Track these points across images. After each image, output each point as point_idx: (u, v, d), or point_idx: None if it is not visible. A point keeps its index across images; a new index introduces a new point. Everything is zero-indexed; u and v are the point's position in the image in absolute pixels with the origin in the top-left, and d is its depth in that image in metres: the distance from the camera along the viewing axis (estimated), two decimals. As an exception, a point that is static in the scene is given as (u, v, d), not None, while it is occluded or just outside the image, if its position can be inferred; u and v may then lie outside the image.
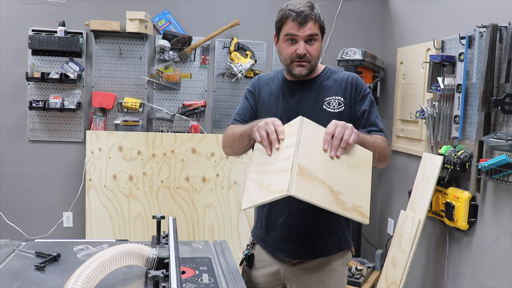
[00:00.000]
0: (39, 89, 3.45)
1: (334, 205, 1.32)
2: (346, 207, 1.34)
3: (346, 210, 1.34)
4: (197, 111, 3.58)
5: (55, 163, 3.53)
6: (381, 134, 1.61)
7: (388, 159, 1.61)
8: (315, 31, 1.57)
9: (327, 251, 1.67)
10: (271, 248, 1.70)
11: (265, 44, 3.68)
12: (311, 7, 1.57)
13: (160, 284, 1.10)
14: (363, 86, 1.67)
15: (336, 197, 1.33)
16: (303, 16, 1.54)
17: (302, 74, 1.61)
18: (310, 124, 1.37)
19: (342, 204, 1.33)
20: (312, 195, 1.29)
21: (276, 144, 1.37)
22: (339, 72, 1.71)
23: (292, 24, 1.56)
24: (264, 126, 1.41)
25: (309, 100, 1.65)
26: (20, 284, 1.26)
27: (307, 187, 1.28)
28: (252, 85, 1.78)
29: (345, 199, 1.34)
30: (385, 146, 1.58)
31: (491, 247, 2.44)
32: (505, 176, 2.25)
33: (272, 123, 1.40)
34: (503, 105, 2.24)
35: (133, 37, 3.49)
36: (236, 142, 1.63)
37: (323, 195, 1.31)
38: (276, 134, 1.38)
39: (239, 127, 1.64)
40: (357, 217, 1.35)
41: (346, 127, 1.35)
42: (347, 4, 3.80)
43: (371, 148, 1.47)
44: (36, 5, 3.41)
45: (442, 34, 2.89)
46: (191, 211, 3.54)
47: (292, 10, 1.56)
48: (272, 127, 1.39)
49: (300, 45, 1.57)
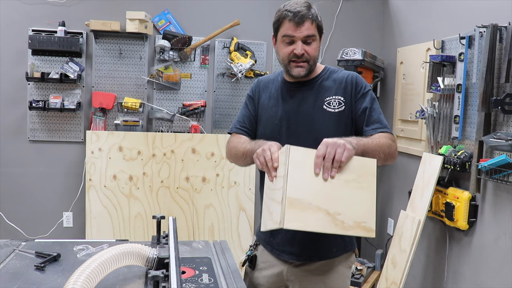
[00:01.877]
0: (39, 89, 3.45)
1: (332, 227, 1.33)
2: (347, 226, 1.33)
3: (347, 229, 1.33)
4: (197, 111, 3.58)
5: (55, 163, 3.54)
6: (385, 130, 1.58)
7: (395, 155, 1.57)
8: (312, 31, 1.56)
9: (331, 253, 1.66)
10: (276, 251, 1.70)
11: (265, 44, 3.68)
12: (308, 7, 1.56)
13: (160, 284, 1.10)
14: (363, 83, 1.65)
15: (335, 219, 1.33)
16: (300, 16, 1.53)
17: (300, 74, 1.60)
18: (298, 151, 1.36)
19: (342, 224, 1.33)
20: (307, 223, 1.31)
21: (273, 172, 1.37)
22: (339, 72, 1.69)
23: (289, 25, 1.55)
24: (262, 153, 1.41)
25: (309, 100, 1.63)
26: (20, 284, 1.26)
27: (299, 216, 1.31)
28: (252, 90, 1.78)
29: (345, 218, 1.33)
30: (390, 143, 1.55)
31: (491, 247, 2.44)
32: (505, 176, 2.25)
33: (268, 149, 1.40)
34: (503, 105, 2.24)
35: (133, 37, 3.49)
36: (239, 159, 1.64)
37: (318, 220, 1.32)
38: (271, 162, 1.37)
39: (241, 145, 1.64)
40: (361, 233, 1.34)
41: (338, 146, 1.32)
42: (347, 4, 3.80)
43: (375, 153, 1.45)
44: (36, 5, 3.41)
45: (442, 34, 2.89)
46: (191, 211, 3.54)
47: (289, 10, 1.55)
48: (268, 154, 1.39)
49: (298, 45, 1.56)
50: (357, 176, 1.35)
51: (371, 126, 1.58)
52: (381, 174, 3.71)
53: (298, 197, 1.31)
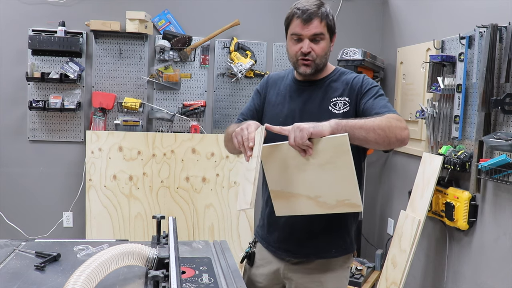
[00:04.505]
0: (39, 89, 3.45)
1: (317, 208, 1.40)
2: (330, 205, 1.38)
3: (332, 208, 1.39)
4: (197, 111, 3.58)
5: (55, 163, 3.53)
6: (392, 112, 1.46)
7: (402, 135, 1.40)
8: (321, 29, 1.56)
9: (330, 253, 1.65)
10: (272, 248, 1.70)
11: (265, 44, 3.68)
12: (319, 6, 1.56)
13: (160, 284, 1.10)
14: (368, 81, 1.62)
15: (317, 202, 1.39)
16: (308, 14, 1.53)
17: (306, 72, 1.60)
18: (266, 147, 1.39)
19: (325, 205, 1.38)
20: (294, 209, 1.45)
21: (248, 152, 1.37)
22: (348, 73, 1.68)
23: (297, 23, 1.56)
24: (240, 132, 1.41)
25: (316, 100, 1.63)
26: (20, 284, 1.26)
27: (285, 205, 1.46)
28: (261, 85, 1.79)
29: (326, 199, 1.38)
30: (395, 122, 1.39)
31: (491, 247, 2.44)
32: (505, 176, 2.25)
33: (246, 129, 1.40)
34: (503, 105, 2.24)
35: (133, 37, 3.49)
36: (229, 142, 1.62)
37: (303, 205, 1.42)
38: (248, 141, 1.37)
39: (231, 128, 1.64)
40: (347, 209, 1.38)
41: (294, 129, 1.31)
42: (347, 4, 3.80)
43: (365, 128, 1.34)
44: (36, 5, 3.41)
45: (442, 34, 2.89)
46: (191, 211, 3.54)
47: (298, 8, 1.55)
48: (245, 134, 1.39)
49: (305, 43, 1.56)
50: (330, 157, 1.33)
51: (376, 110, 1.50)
52: (381, 174, 3.71)
53: (278, 189, 1.43)
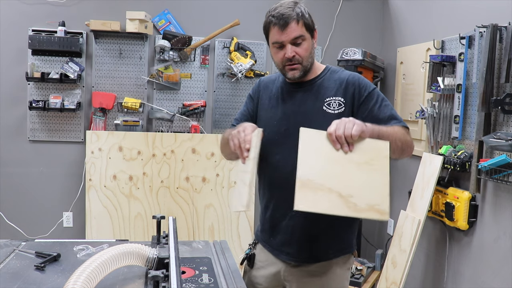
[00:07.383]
0: (39, 89, 3.45)
1: (345, 209, 1.30)
2: (359, 208, 1.31)
3: (359, 212, 1.31)
4: (197, 111, 3.58)
5: (55, 163, 3.53)
6: (402, 124, 1.56)
7: (411, 146, 1.56)
8: (299, 31, 1.53)
9: (327, 255, 1.65)
10: (276, 251, 1.69)
11: (265, 44, 3.68)
12: (292, 7, 1.52)
13: (160, 284, 1.10)
14: (366, 83, 1.60)
15: (347, 201, 1.30)
16: (283, 19, 1.50)
17: (295, 77, 1.58)
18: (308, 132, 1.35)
19: (355, 206, 1.30)
20: (317, 205, 1.28)
21: (245, 153, 1.37)
22: (340, 72, 1.65)
23: (275, 30, 1.53)
24: (236, 135, 1.41)
25: (309, 101, 1.61)
26: (20, 284, 1.26)
27: (310, 198, 1.28)
28: (253, 90, 1.78)
29: (358, 201, 1.31)
30: (405, 133, 1.53)
31: (491, 247, 2.44)
32: (505, 176, 2.25)
33: (243, 131, 1.40)
34: (503, 105, 2.24)
35: (133, 37, 3.49)
36: (225, 147, 1.62)
37: (330, 202, 1.29)
38: (244, 143, 1.38)
39: (227, 133, 1.64)
40: (374, 216, 1.33)
41: (346, 121, 1.34)
42: (347, 4, 3.80)
43: (391, 139, 1.43)
44: (36, 5, 3.41)
45: (442, 34, 2.89)
46: (191, 211, 3.54)
47: (273, 15, 1.53)
48: (242, 136, 1.39)
49: (287, 48, 1.53)
50: (370, 159, 1.34)
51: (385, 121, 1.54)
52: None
53: (310, 178, 1.29)
